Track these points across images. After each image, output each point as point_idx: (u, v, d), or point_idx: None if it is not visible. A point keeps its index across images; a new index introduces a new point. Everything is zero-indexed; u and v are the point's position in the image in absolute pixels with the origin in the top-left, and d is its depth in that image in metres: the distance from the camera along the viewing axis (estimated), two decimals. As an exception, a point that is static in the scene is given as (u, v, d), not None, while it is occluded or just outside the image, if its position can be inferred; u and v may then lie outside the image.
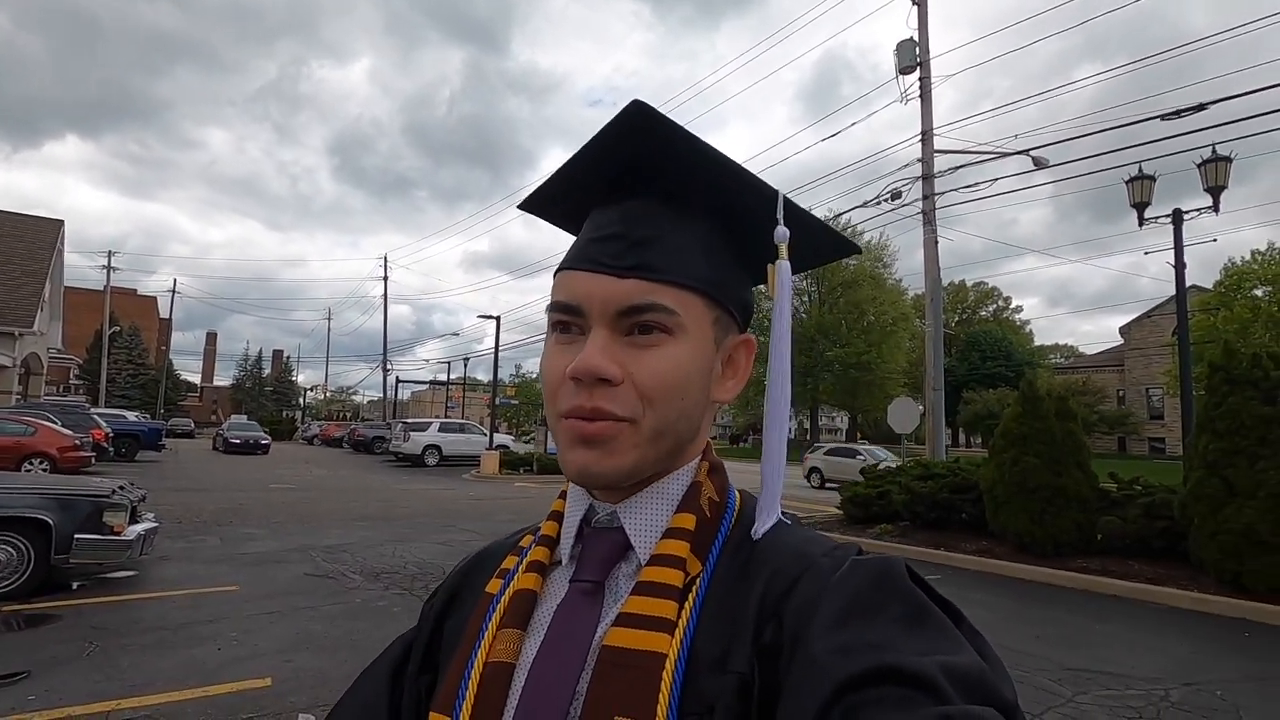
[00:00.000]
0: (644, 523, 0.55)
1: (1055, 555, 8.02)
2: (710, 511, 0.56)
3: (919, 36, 14.32)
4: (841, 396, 49.45)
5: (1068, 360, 57.13)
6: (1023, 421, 8.52)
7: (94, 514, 5.88)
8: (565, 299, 0.54)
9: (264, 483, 16.76)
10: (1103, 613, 6.48)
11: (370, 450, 32.05)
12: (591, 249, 0.55)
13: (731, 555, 0.54)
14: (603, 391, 0.52)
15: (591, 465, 0.52)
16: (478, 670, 0.53)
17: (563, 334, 0.55)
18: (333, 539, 9.01)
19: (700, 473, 0.58)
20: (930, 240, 13.83)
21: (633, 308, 0.52)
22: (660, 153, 0.54)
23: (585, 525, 0.58)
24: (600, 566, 0.55)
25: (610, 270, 0.53)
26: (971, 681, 0.40)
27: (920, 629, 0.44)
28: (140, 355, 52.21)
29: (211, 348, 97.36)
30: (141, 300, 65.96)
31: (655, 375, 0.52)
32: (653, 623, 0.49)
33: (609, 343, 0.52)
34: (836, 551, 0.52)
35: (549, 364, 0.55)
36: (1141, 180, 11.08)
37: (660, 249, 0.54)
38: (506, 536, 0.68)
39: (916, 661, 0.40)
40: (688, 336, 0.54)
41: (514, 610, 0.55)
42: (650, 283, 0.53)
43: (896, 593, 0.47)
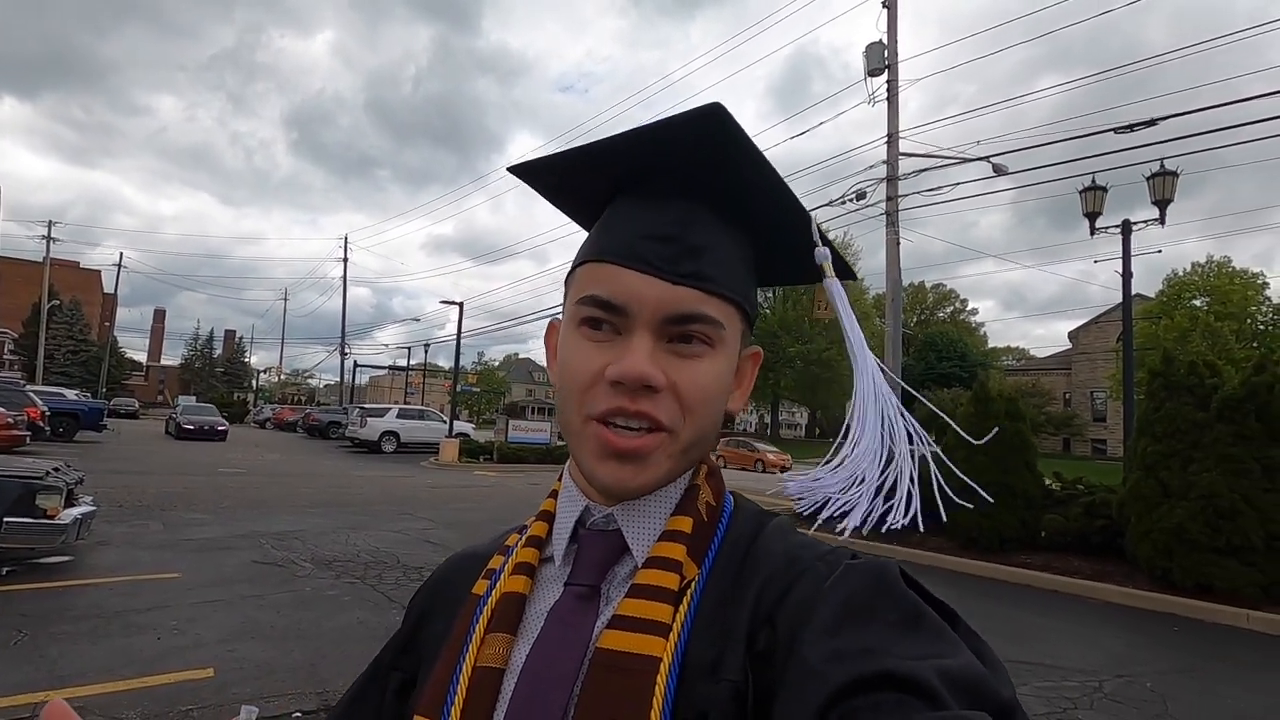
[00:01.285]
0: (642, 526, 0.54)
1: (1000, 550, 8.30)
2: (707, 515, 0.55)
3: (888, 40, 14.53)
4: (802, 393, 50.32)
5: (1019, 362, 59.09)
6: (974, 421, 8.76)
7: (26, 496, 5.61)
8: (608, 296, 0.52)
9: (212, 466, 16.24)
10: (1043, 607, 6.73)
11: (326, 435, 31.36)
12: (643, 247, 0.52)
13: (727, 559, 0.53)
14: (647, 397, 0.50)
15: (628, 480, 0.52)
16: (465, 674, 0.52)
17: (594, 329, 0.52)
18: (283, 525, 8.78)
19: (699, 476, 0.57)
20: (892, 241, 14.09)
21: (683, 316, 0.51)
22: (727, 160, 0.52)
23: (580, 526, 0.56)
24: (597, 570, 0.54)
25: (664, 274, 0.51)
26: (968, 684, 0.40)
27: (915, 632, 0.43)
28: (82, 331, 50.06)
29: (159, 325, 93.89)
30: (84, 274, 63.18)
31: (697, 387, 0.52)
32: (648, 625, 0.48)
33: (654, 348, 0.51)
34: (830, 556, 0.51)
35: (579, 361, 0.52)
36: (1094, 191, 11.48)
37: (712, 258, 0.53)
38: (495, 536, 0.66)
39: (912, 666, 0.40)
40: (725, 349, 0.54)
41: (503, 613, 0.54)
42: (704, 293, 0.52)
43: (891, 596, 0.46)
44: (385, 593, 5.88)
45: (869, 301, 47.91)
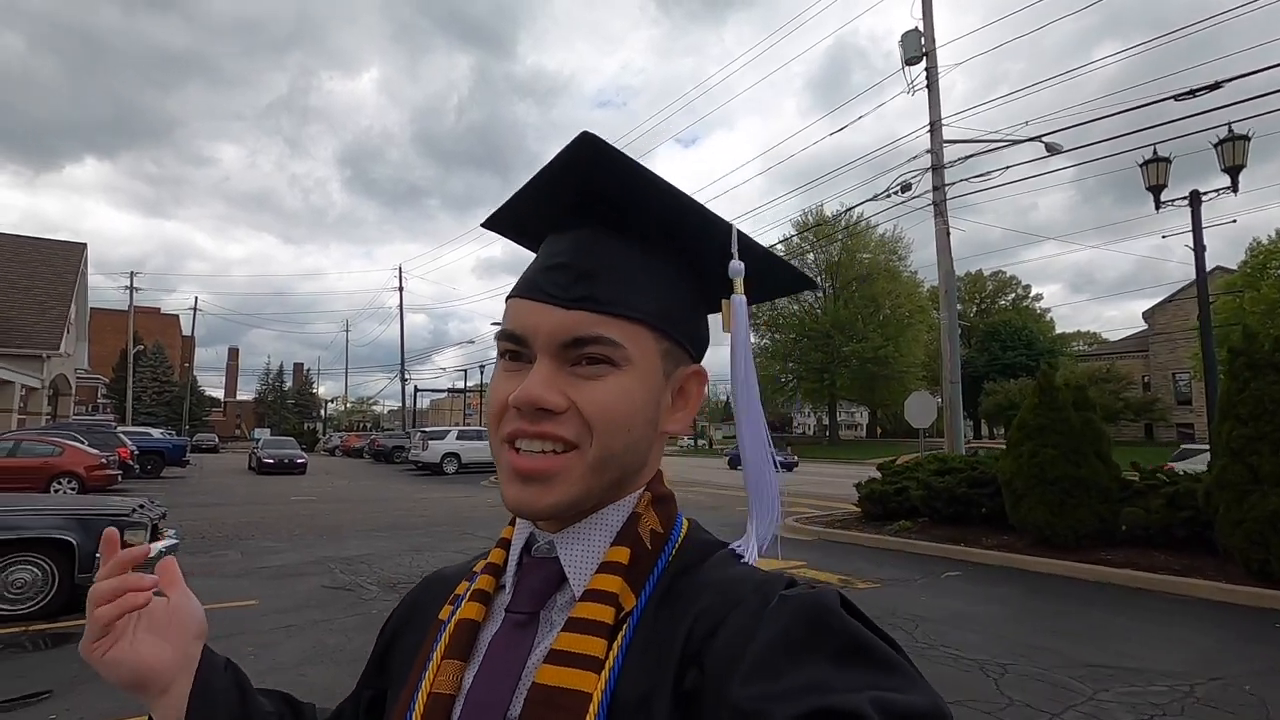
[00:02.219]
0: (580, 554, 0.55)
1: (1076, 548, 7.89)
2: (651, 543, 0.55)
3: (924, 27, 14.18)
4: (860, 391, 49.08)
5: (1091, 347, 56.18)
6: (1039, 412, 8.39)
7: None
8: (512, 328, 0.55)
9: (285, 495, 16.98)
10: (1125, 606, 6.35)
11: (390, 460, 32.37)
12: (540, 278, 0.55)
13: (664, 592, 0.53)
14: (547, 418, 0.52)
15: (533, 501, 0.53)
16: (421, 701, 0.53)
17: (511, 361, 0.55)
18: (351, 550, 9.11)
19: (641, 503, 0.57)
20: (942, 231, 13.67)
21: (577, 339, 0.53)
22: (609, 184, 0.54)
23: (525, 554, 0.58)
24: (535, 598, 0.55)
25: (556, 301, 0.53)
26: (908, 713, 0.39)
27: (854, 664, 0.43)
28: (165, 373, 53.22)
29: (234, 363, 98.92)
30: (164, 319, 67.23)
31: (599, 405, 0.52)
32: (581, 660, 0.49)
33: (554, 373, 0.53)
34: (766, 585, 0.50)
35: (495, 391, 0.55)
36: (1156, 163, 10.88)
37: (607, 281, 0.54)
38: (470, 559, 0.68)
39: (849, 700, 0.39)
40: (634, 369, 0.54)
41: (456, 641, 0.56)
42: (597, 315, 0.53)
43: (828, 629, 0.45)
44: (447, 613, 6.03)
45: (924, 294, 46.48)
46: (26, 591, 5.68)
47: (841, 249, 46.36)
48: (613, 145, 0.52)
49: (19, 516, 5.85)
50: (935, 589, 7.09)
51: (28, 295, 24.84)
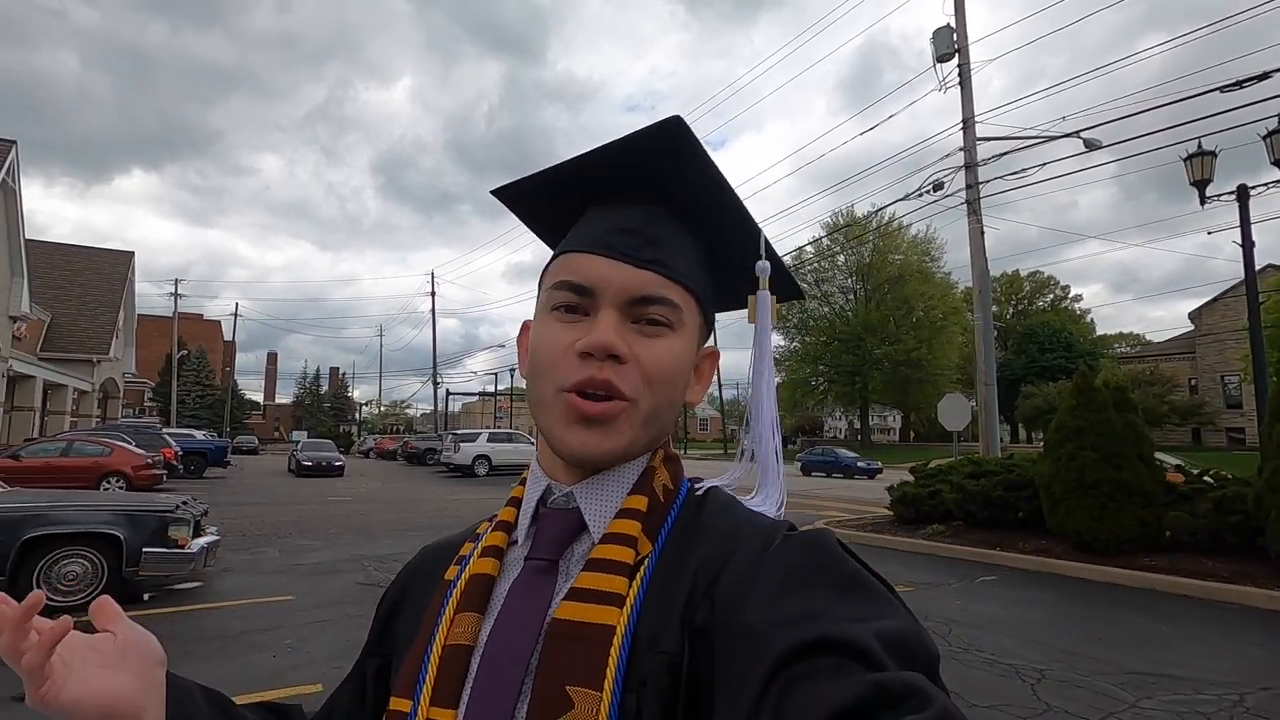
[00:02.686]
0: (599, 503, 0.57)
1: (1118, 553, 7.66)
2: (663, 496, 0.58)
3: (956, 23, 13.96)
4: (892, 395, 48.28)
5: (1134, 349, 54.48)
6: (1078, 414, 8.17)
7: (160, 529, 6.20)
8: (579, 280, 0.57)
9: (322, 495, 17.35)
10: (1170, 613, 6.15)
11: (423, 462, 32.83)
12: (611, 238, 0.58)
13: (677, 537, 0.56)
14: (613, 367, 0.54)
15: (591, 445, 0.55)
16: (436, 653, 0.54)
17: (567, 313, 0.57)
18: (385, 549, 9.27)
19: (656, 459, 0.60)
20: (976, 230, 13.42)
21: (646, 297, 0.56)
22: (685, 169, 0.58)
23: (541, 506, 0.60)
24: (555, 546, 0.57)
25: (628, 259, 0.57)
26: (904, 645, 0.42)
27: (852, 597, 0.45)
28: (207, 377, 54.80)
29: (272, 367, 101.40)
30: (207, 324, 69.27)
31: (658, 361, 0.56)
32: (603, 597, 0.51)
33: (620, 325, 0.56)
34: (769, 529, 0.54)
35: (550, 338, 0.57)
36: (1201, 156, 10.54)
37: (672, 251, 0.59)
38: (465, 529, 0.70)
39: (851, 629, 0.41)
40: (684, 332, 0.59)
41: (470, 594, 0.57)
42: (664, 278, 0.57)
43: (828, 563, 0.48)
44: (478, 610, 6.10)
45: (959, 295, 45.59)
46: (78, 584, 5.91)
47: (873, 250, 45.71)
48: (695, 134, 0.56)
49: (71, 512, 6.10)
50: (970, 593, 6.95)
51: (80, 302, 25.86)
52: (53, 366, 22.24)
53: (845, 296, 48.61)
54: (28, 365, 20.09)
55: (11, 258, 18.37)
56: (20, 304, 18.52)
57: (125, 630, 0.53)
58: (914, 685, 0.38)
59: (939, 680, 0.41)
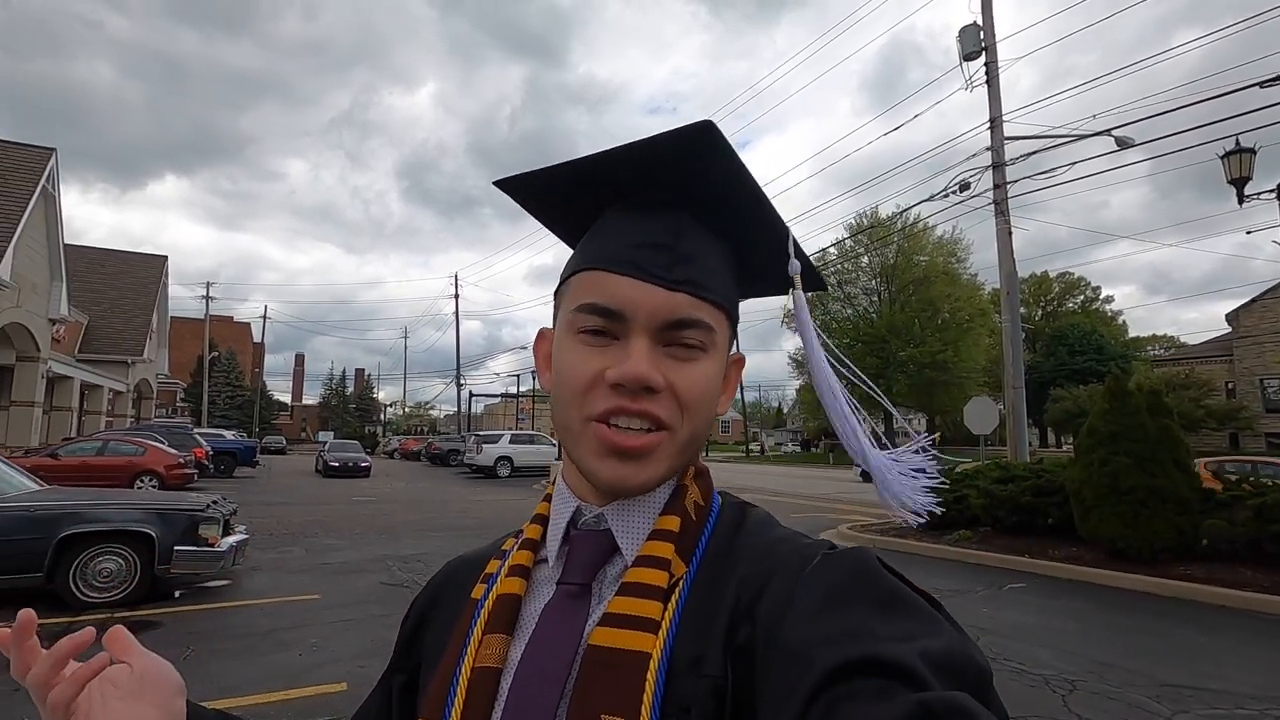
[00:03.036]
0: (631, 525, 0.56)
1: (1152, 562, 7.46)
2: (695, 515, 0.57)
3: (983, 20, 13.76)
4: (918, 398, 47.62)
5: (1168, 352, 53.16)
6: (1110, 418, 7.98)
7: (191, 527, 6.33)
8: (606, 303, 0.54)
9: (347, 495, 17.59)
10: (1208, 624, 5.97)
11: (446, 463, 33.14)
12: (639, 255, 0.54)
13: (713, 557, 0.54)
14: (646, 398, 0.52)
15: (629, 478, 0.53)
16: (465, 675, 0.53)
17: (594, 336, 0.54)
18: (409, 549, 9.36)
19: (686, 476, 0.59)
20: (1003, 231, 13.19)
21: (679, 321, 0.54)
22: (716, 174, 0.55)
23: (571, 527, 0.58)
24: (587, 569, 0.56)
25: (659, 281, 0.53)
26: (950, 664, 0.40)
27: (895, 615, 0.44)
28: (237, 378, 55.93)
29: (300, 368, 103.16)
30: (237, 326, 70.72)
31: (695, 388, 0.54)
32: (638, 622, 0.50)
33: (652, 352, 0.53)
34: (807, 548, 0.52)
35: (578, 365, 0.54)
36: (1239, 154, 10.26)
37: (703, 266, 0.55)
38: (491, 542, 0.69)
39: (894, 649, 0.40)
40: (717, 353, 0.56)
41: (499, 615, 0.56)
42: (695, 299, 0.54)
43: (869, 582, 0.47)
44: (500, 612, 6.13)
45: (985, 297, 44.88)
46: (112, 580, 6.05)
47: (897, 252, 45.18)
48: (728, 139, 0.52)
49: (105, 510, 6.24)
50: (998, 601, 6.82)
51: (115, 305, 26.54)
52: (89, 368, 22.86)
53: (869, 298, 48.11)
54: (66, 366, 20.66)
55: (51, 262, 18.92)
56: (59, 307, 19.06)
57: (142, 660, 0.51)
58: (959, 705, 0.36)
59: (991, 697, 0.40)
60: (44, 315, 18.39)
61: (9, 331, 16.93)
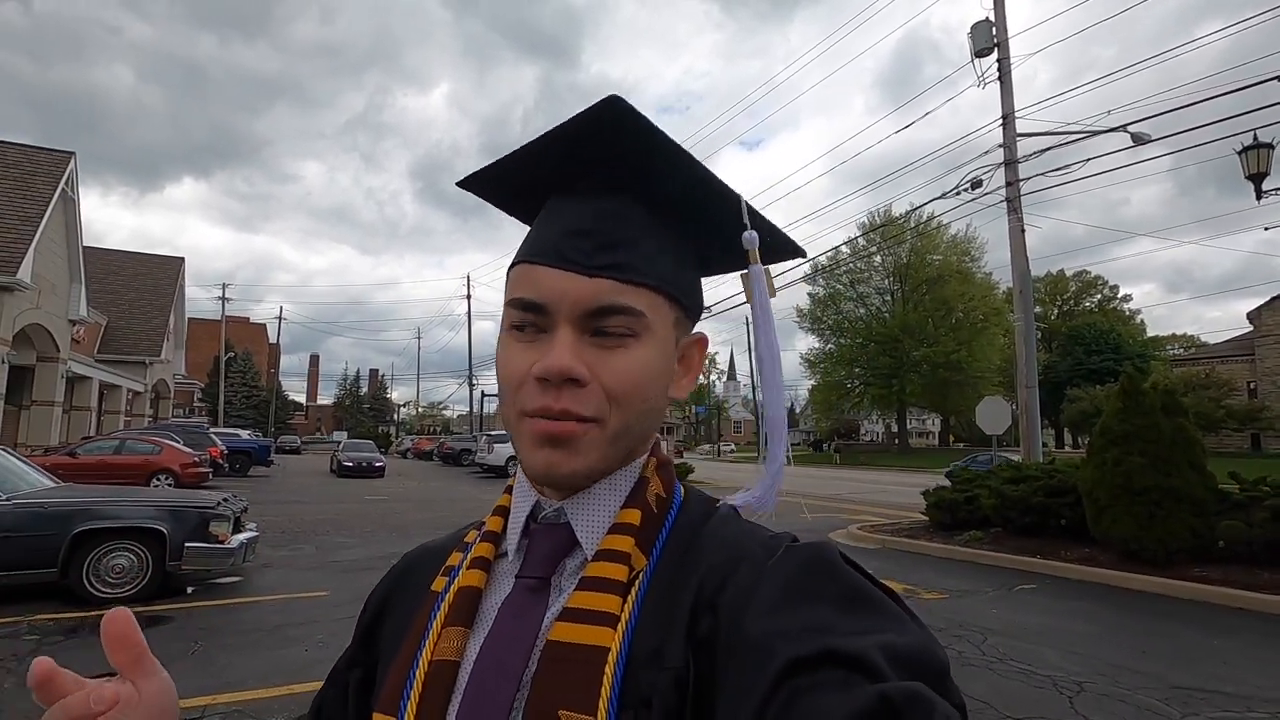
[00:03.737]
0: (590, 519, 0.55)
1: (1167, 563, 7.35)
2: (656, 507, 0.56)
3: (995, 16, 13.62)
4: (931, 398, 47.29)
5: (1187, 350, 52.34)
6: (1124, 418, 7.87)
7: (201, 524, 6.41)
8: (530, 296, 0.53)
9: (359, 494, 17.73)
10: (1224, 627, 5.87)
11: (458, 462, 33.30)
12: (561, 244, 0.53)
13: (674, 550, 0.54)
14: (570, 393, 0.51)
15: (558, 465, 0.52)
16: (422, 669, 0.52)
17: (523, 332, 0.54)
18: (417, 547, 9.41)
19: (648, 468, 0.58)
20: (1016, 229, 13.06)
21: (601, 309, 0.52)
22: (633, 150, 0.53)
23: (531, 520, 0.58)
24: (546, 562, 0.55)
25: (580, 269, 0.52)
26: (910, 658, 0.40)
27: (855, 609, 0.44)
28: (253, 378, 56.54)
29: (315, 369, 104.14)
30: (253, 327, 71.55)
31: (622, 377, 0.52)
32: (596, 617, 0.49)
33: (577, 343, 0.52)
34: (771, 541, 0.52)
35: (510, 362, 0.54)
36: (1257, 149, 10.08)
37: (629, 249, 0.53)
38: (451, 533, 0.68)
39: (854, 642, 0.40)
40: (653, 338, 0.54)
41: (458, 608, 0.55)
42: (620, 283, 0.52)
43: (831, 575, 0.46)
44: (505, 609, 6.15)
45: (1000, 296, 44.45)
46: (124, 576, 6.14)
47: (910, 250, 44.86)
48: (638, 110, 0.50)
49: (118, 507, 6.34)
50: (1007, 602, 6.75)
51: (134, 306, 26.94)
52: (108, 368, 23.22)
53: (882, 298, 47.84)
54: (85, 367, 21.00)
55: (71, 264, 19.23)
56: (79, 308, 19.36)
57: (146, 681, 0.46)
58: (917, 695, 0.37)
59: (950, 688, 0.40)
60: (64, 316, 18.70)
61: (29, 332, 17.22)
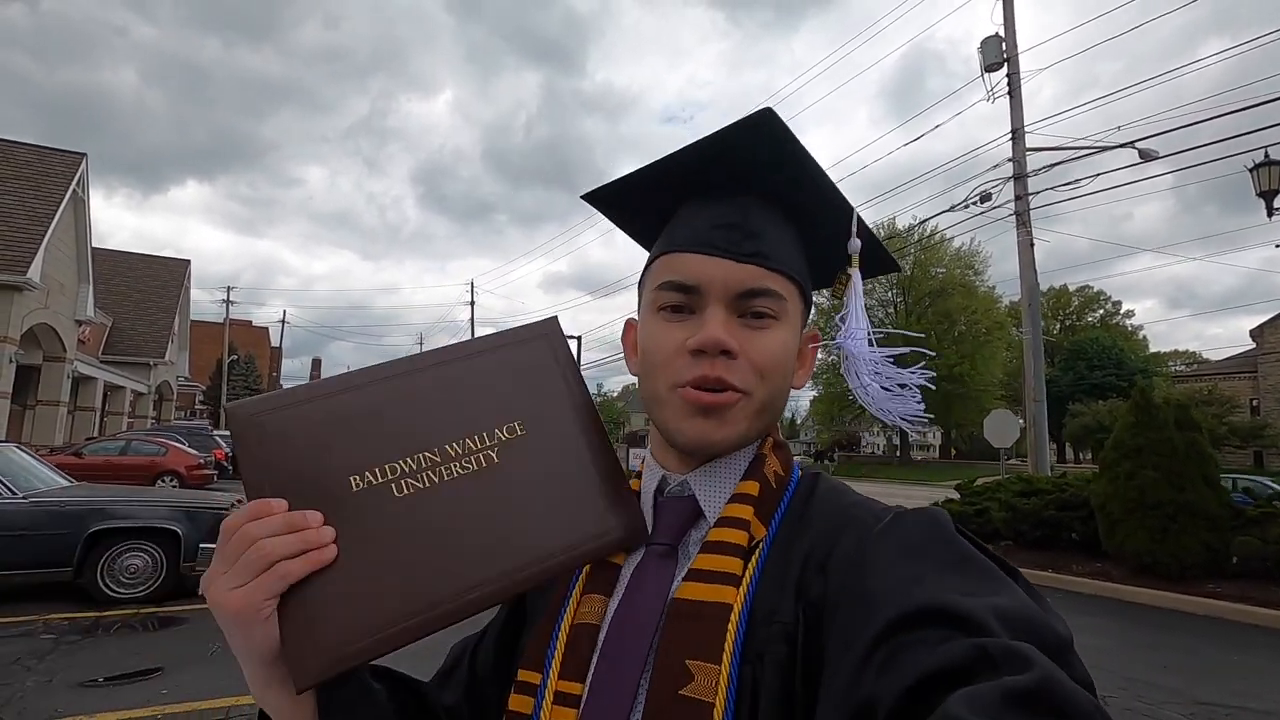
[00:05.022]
0: (713, 490, 0.60)
1: (1181, 578, 7.33)
2: (775, 483, 0.60)
3: (1005, 32, 13.73)
4: (934, 411, 47.19)
5: (1190, 367, 52.37)
6: (1137, 432, 7.87)
7: (216, 525, 6.37)
8: (683, 279, 0.58)
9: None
10: (1240, 642, 5.85)
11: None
12: (711, 235, 0.59)
13: (791, 522, 0.57)
14: (725, 363, 0.56)
15: (710, 433, 0.57)
16: (565, 630, 0.58)
17: (674, 313, 0.59)
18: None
19: (765, 446, 0.62)
20: (1025, 243, 13.10)
21: (751, 291, 0.57)
22: (780, 158, 0.59)
23: (658, 495, 0.63)
24: (674, 531, 0.59)
25: (730, 255, 0.58)
26: (1022, 622, 0.40)
27: (967, 572, 0.45)
28: (255, 381, 56.44)
29: (316, 373, 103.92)
30: (256, 331, 71.55)
31: (767, 353, 0.58)
32: (719, 577, 0.53)
33: (728, 320, 0.57)
34: (881, 510, 0.55)
35: (661, 338, 0.59)
36: (1268, 166, 10.14)
37: (770, 241, 0.59)
38: None
39: (963, 601, 0.41)
40: (789, 322, 0.60)
41: (596, 576, 0.60)
42: (766, 270, 0.58)
43: (943, 539, 0.48)
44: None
45: (1003, 310, 44.52)
46: (138, 576, 6.12)
47: (914, 263, 44.97)
48: (787, 124, 0.56)
49: (133, 507, 6.32)
50: (1022, 615, 6.72)
51: (139, 308, 26.96)
52: (113, 369, 23.21)
53: (885, 310, 47.84)
54: (90, 367, 21.00)
55: (79, 265, 19.26)
56: (85, 309, 19.38)
57: None
58: (1018, 651, 0.36)
59: (1070, 663, 0.37)
60: (70, 316, 18.70)
61: (37, 332, 17.23)
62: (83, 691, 4.05)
